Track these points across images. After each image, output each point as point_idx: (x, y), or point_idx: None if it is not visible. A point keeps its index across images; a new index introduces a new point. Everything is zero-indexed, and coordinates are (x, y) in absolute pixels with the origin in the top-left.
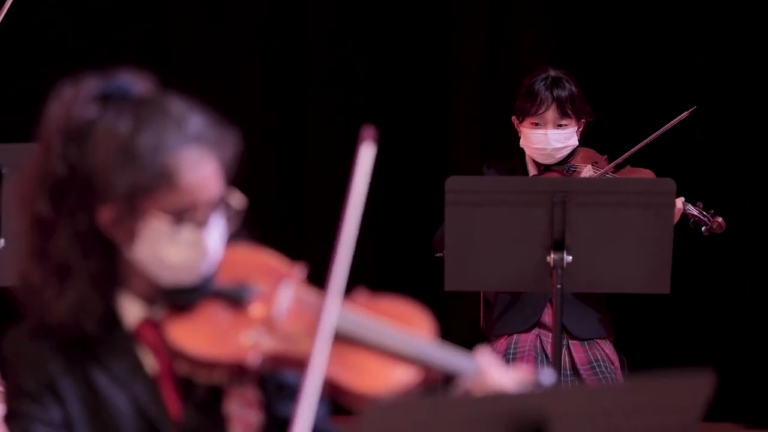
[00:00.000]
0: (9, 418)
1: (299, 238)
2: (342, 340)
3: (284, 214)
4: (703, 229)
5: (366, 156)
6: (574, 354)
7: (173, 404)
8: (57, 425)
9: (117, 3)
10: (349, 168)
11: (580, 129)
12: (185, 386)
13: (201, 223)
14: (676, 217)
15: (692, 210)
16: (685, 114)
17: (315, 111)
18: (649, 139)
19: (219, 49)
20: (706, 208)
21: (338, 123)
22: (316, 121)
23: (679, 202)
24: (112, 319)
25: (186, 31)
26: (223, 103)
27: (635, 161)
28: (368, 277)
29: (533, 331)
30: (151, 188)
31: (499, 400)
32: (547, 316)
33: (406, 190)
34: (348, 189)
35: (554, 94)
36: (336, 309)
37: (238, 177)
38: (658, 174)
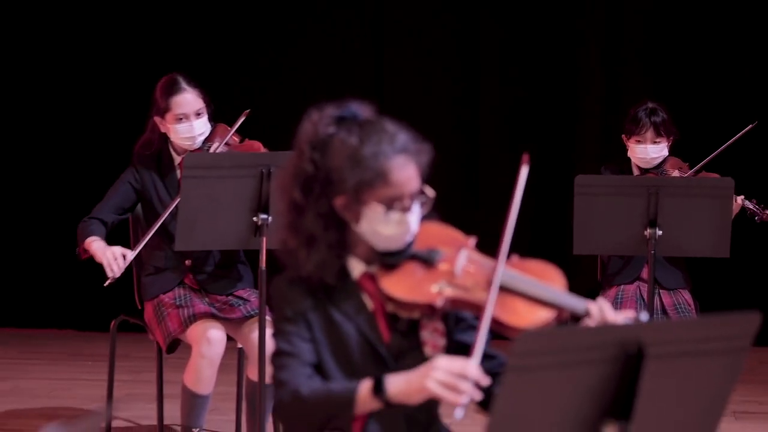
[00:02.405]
0: (276, 335)
1: (473, 219)
2: (502, 289)
3: (462, 202)
4: (756, 218)
5: (524, 173)
6: (663, 299)
7: (385, 332)
8: (307, 340)
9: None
10: (511, 174)
11: (669, 144)
12: (392, 320)
13: (405, 209)
14: (736, 209)
15: (748, 204)
16: (747, 128)
17: (486, 131)
18: (719, 150)
19: (418, 83)
20: (759, 203)
21: (504, 140)
22: (488, 137)
23: (739, 198)
24: (343, 273)
25: (397, 68)
26: (420, 123)
27: (708, 167)
28: (520, 247)
29: (634, 283)
30: (371, 184)
31: (611, 330)
32: (644, 273)
33: (547, 188)
34: (511, 191)
35: (651, 119)
36: (499, 268)
37: (430, 176)
38: (724, 175)
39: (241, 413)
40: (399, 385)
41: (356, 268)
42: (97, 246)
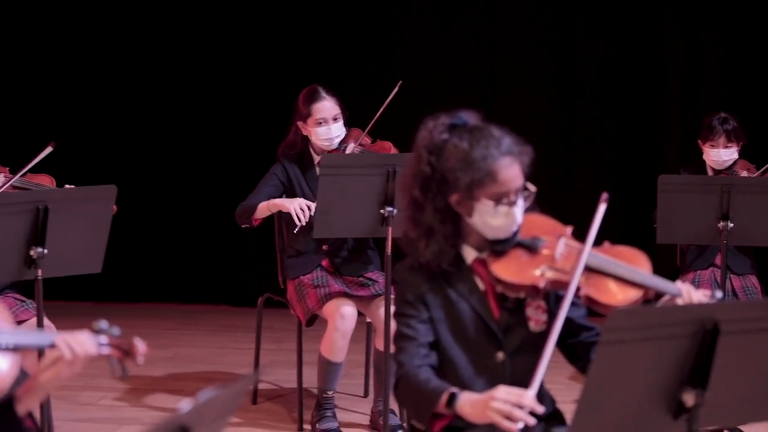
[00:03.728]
0: (396, 317)
1: (568, 210)
2: (595, 272)
3: (560, 195)
4: None
5: (601, 209)
6: (733, 283)
7: (495, 309)
8: (425, 321)
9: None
10: (601, 172)
11: (739, 148)
12: (501, 299)
13: (511, 203)
14: None
15: None
16: None
17: (580, 136)
18: None
19: (524, 89)
20: None
21: (596, 145)
22: (581, 142)
23: None
24: (458, 259)
25: (506, 80)
26: (523, 127)
27: None
28: (611, 235)
29: (709, 268)
30: (481, 182)
31: (691, 309)
32: (717, 259)
33: (635, 186)
34: (600, 188)
35: (723, 127)
36: (591, 253)
37: (531, 173)
38: None
39: (369, 378)
40: (466, 404)
41: (469, 254)
42: (281, 200)
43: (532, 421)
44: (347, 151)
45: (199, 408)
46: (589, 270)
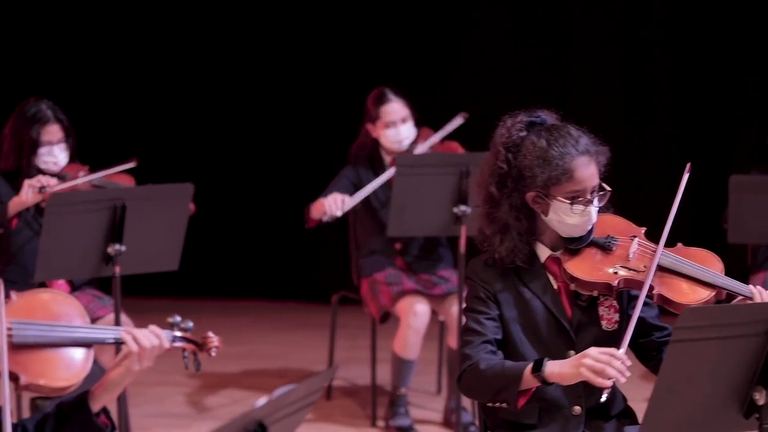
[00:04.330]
0: (466, 312)
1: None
2: (668, 271)
3: (632, 196)
4: None
5: (685, 178)
6: None
7: (568, 307)
8: (494, 318)
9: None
10: (674, 174)
11: None
12: (574, 297)
13: (587, 202)
14: None
15: None
16: None
17: (654, 137)
18: None
19: (598, 92)
20: None
21: (670, 146)
22: (656, 143)
23: None
24: (532, 257)
25: (581, 81)
26: (599, 128)
27: None
28: (683, 236)
29: None
30: (558, 181)
31: (761, 308)
32: None
33: (706, 187)
34: (674, 190)
35: None
36: (664, 253)
37: (607, 174)
38: None
39: (442, 376)
40: (555, 367)
41: (543, 252)
42: (321, 200)
43: (623, 378)
44: (416, 152)
45: (275, 403)
46: (662, 269)
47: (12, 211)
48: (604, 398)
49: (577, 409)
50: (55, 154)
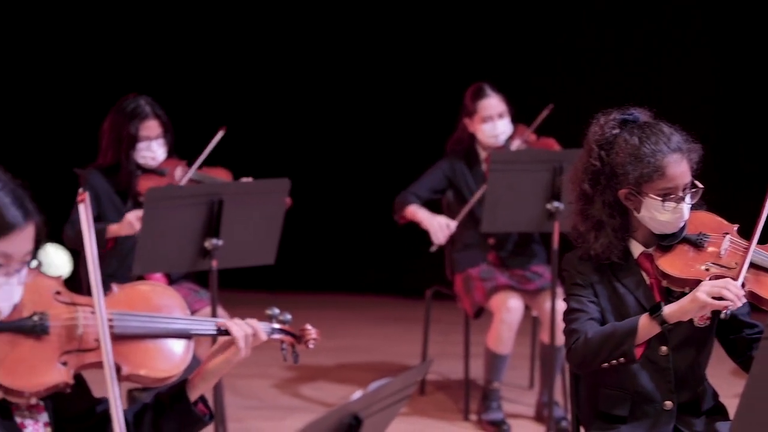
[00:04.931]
0: (567, 298)
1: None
2: (760, 269)
3: (725, 194)
4: None
5: None
6: None
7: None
8: (594, 302)
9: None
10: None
11: None
12: (667, 293)
13: (679, 199)
14: None
15: None
16: None
17: (746, 138)
18: None
19: (688, 90)
20: None
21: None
22: (748, 144)
23: None
24: (626, 253)
25: (673, 78)
26: (690, 126)
27: None
28: None
29: None
30: (650, 178)
31: None
32: None
33: None
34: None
35: None
36: (757, 250)
37: (699, 171)
38: None
39: (534, 370)
40: (672, 306)
41: (636, 249)
42: (423, 214)
43: (739, 302)
44: (512, 148)
45: (371, 397)
46: (754, 267)
47: (110, 235)
48: (725, 316)
49: (669, 404)
50: (153, 150)
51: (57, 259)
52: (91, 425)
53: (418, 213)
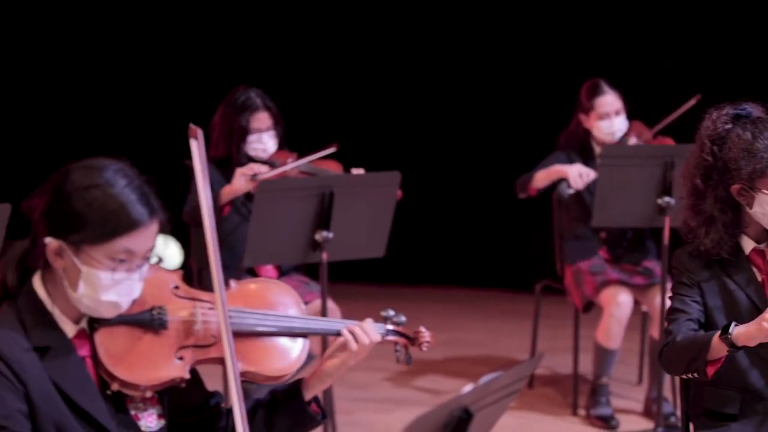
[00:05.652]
0: (672, 296)
1: None
2: None
3: None
4: None
5: None
6: None
7: None
8: (698, 302)
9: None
10: None
11: None
12: None
13: None
14: None
15: None
16: None
17: None
18: None
19: None
20: None
21: None
22: None
23: None
24: (737, 249)
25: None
26: None
27: None
28: None
29: None
30: (763, 173)
31: None
32: None
33: None
34: None
35: None
36: None
37: None
38: None
39: (644, 366)
40: (741, 329)
41: (748, 244)
42: (559, 166)
43: None
44: (628, 144)
45: (481, 390)
46: None
47: (224, 199)
48: None
49: None
50: (264, 142)
51: (168, 251)
52: (204, 418)
53: (553, 168)
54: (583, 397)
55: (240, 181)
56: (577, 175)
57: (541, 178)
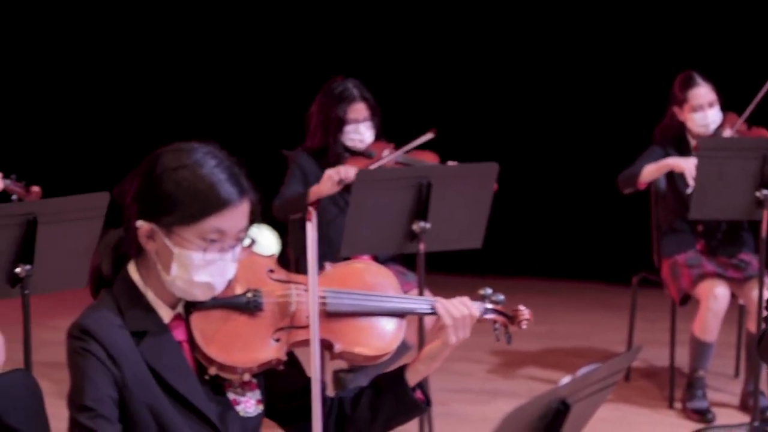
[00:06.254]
0: None
1: None
2: None
3: None
4: None
5: None
6: None
7: None
8: None
9: None
10: None
11: None
12: None
13: None
14: None
15: None
16: None
17: None
18: None
19: None
20: None
21: None
22: None
23: None
24: None
25: None
26: None
27: None
28: None
29: None
30: None
31: None
32: None
33: None
34: None
35: None
36: None
37: None
38: None
39: (740, 359)
40: None
41: None
42: (674, 159)
43: None
44: (724, 136)
45: (579, 382)
46: None
47: (311, 198)
48: None
49: None
50: (360, 132)
51: (265, 239)
52: (302, 404)
53: (667, 162)
54: (679, 390)
55: (326, 184)
56: (694, 169)
57: (651, 171)
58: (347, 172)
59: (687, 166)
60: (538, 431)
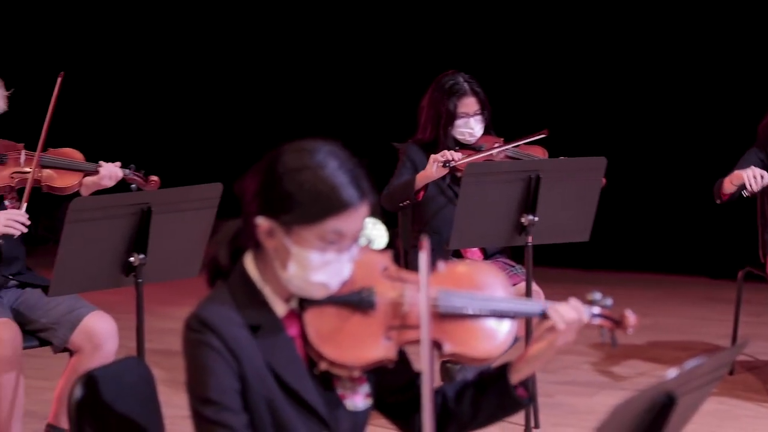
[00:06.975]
0: None
1: None
2: None
3: None
4: None
5: None
6: None
7: None
8: None
9: None
10: None
11: None
12: None
13: None
14: None
15: None
16: None
17: None
18: None
19: None
20: None
21: None
22: None
23: None
24: None
25: None
26: None
27: None
28: None
29: None
30: None
31: None
32: None
33: None
34: None
35: None
36: None
37: None
38: None
39: None
40: None
41: None
42: (739, 171)
43: None
44: None
45: (686, 376)
46: None
47: (418, 185)
48: None
49: None
50: (471, 126)
51: (374, 232)
52: (411, 397)
53: (732, 175)
54: None
55: (432, 168)
56: (752, 177)
57: (727, 185)
58: (453, 154)
59: (746, 175)
60: (644, 424)
